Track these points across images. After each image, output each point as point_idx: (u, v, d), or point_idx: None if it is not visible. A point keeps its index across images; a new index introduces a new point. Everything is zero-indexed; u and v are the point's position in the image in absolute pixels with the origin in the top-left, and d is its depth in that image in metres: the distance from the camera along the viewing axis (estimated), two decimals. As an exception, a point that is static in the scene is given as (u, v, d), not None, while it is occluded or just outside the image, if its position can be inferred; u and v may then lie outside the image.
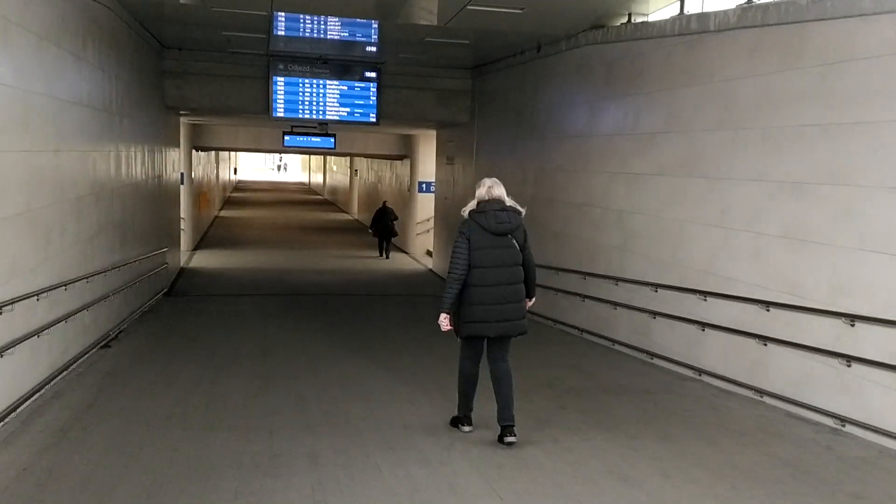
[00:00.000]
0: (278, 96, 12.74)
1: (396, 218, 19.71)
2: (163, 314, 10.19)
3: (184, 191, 17.59)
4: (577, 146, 9.09)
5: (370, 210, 22.31)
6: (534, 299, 5.02)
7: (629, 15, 7.98)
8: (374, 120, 13.13)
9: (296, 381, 6.38)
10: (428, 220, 19.61)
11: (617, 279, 7.93)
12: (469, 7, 7.88)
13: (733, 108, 6.14)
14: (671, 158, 6.99)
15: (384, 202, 20.54)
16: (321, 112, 12.96)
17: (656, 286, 7.16)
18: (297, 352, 7.83)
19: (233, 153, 44.90)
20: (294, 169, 73.63)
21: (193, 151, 19.68)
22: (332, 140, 17.32)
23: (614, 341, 7.96)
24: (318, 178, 50.68)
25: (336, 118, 13.04)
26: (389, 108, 13.26)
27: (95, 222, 7.29)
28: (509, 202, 4.85)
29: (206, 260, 17.59)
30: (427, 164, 19.53)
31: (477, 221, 4.72)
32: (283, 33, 11.66)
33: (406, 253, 20.49)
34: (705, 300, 6.41)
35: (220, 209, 33.29)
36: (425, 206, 19.66)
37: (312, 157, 51.37)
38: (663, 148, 7.11)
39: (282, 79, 12.69)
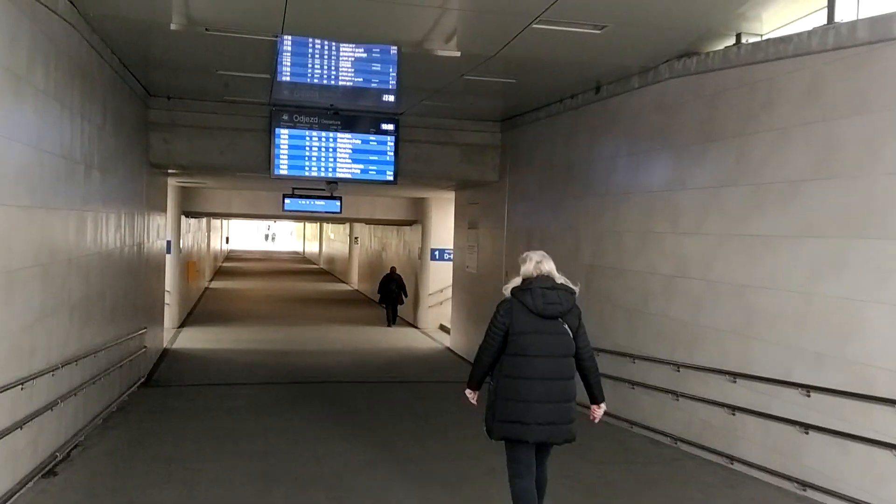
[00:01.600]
0: (281, 151, 11.00)
1: (404, 285, 18.51)
2: (135, 416, 8.13)
3: (170, 260, 15.69)
4: (656, 203, 7.29)
5: (373, 280, 20.61)
6: (603, 406, 4.39)
7: (738, 36, 6.29)
8: (391, 178, 11.38)
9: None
10: (442, 290, 17.73)
11: (736, 374, 6.00)
12: (535, 26, 6.17)
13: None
14: (827, 214, 5.17)
15: (392, 268, 19.26)
16: (330, 170, 11.21)
17: (808, 388, 5.24)
18: (312, 476, 5.81)
19: (225, 221, 43.22)
20: (283, 238, 71.92)
21: (183, 218, 17.86)
22: (339, 204, 15.57)
23: (734, 458, 5.97)
24: (313, 247, 48.90)
25: (348, 176, 11.28)
26: (408, 165, 11.54)
27: (39, 304, 5.36)
28: (560, 279, 4.26)
29: (193, 339, 15.54)
30: (441, 230, 17.78)
31: (521, 301, 4.16)
32: (287, 78, 10.01)
33: (416, 327, 18.51)
34: (901, 413, 4.50)
35: (211, 280, 31.31)
36: (439, 275, 17.81)
37: (308, 224, 49.76)
38: (812, 200, 5.29)
39: (286, 131, 10.98)
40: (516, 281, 4.31)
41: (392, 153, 11.34)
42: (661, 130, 7.28)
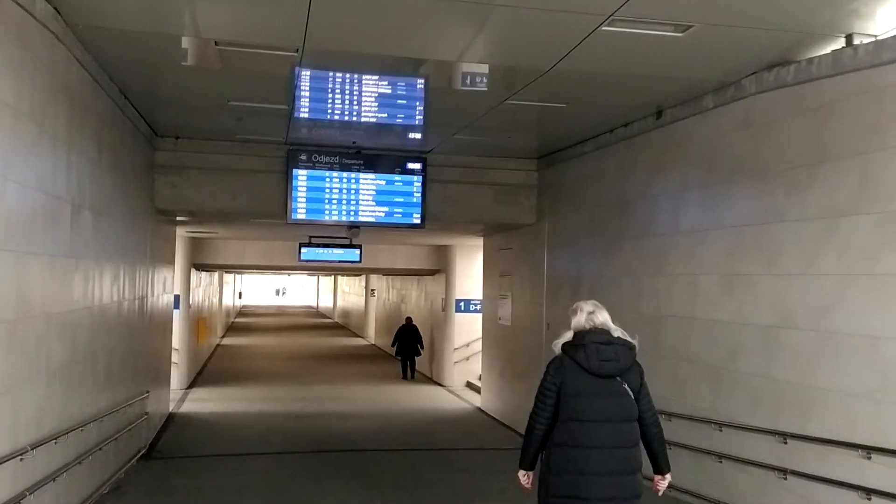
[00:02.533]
0: (298, 194, 10.01)
1: (420, 336, 17.93)
2: (131, 498, 6.95)
3: (178, 317, 14.64)
4: (744, 240, 6.18)
5: (391, 334, 19.54)
6: (668, 476, 4.00)
7: (848, 37, 5.27)
8: (417, 222, 10.35)
9: None
10: (468, 345, 16.54)
11: (870, 448, 4.80)
12: (604, 28, 5.17)
13: None
14: None
15: (408, 318, 18.49)
16: (352, 213, 10.20)
17: None
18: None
19: (237, 276, 42.37)
20: (295, 293, 70.82)
21: (193, 271, 16.87)
22: (358, 253, 14.56)
23: (876, 558, 4.73)
24: (327, 301, 47.82)
25: (371, 220, 10.26)
26: (437, 207, 10.52)
27: (2, 373, 4.27)
28: (617, 332, 3.88)
29: (203, 402, 14.36)
30: (466, 280, 16.68)
31: (573, 358, 3.80)
32: (306, 115, 9.08)
33: (440, 384, 17.25)
34: None
35: (223, 336, 30.23)
36: (465, 328, 16.64)
37: (321, 277, 48.84)
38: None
39: (304, 172, 10.01)
40: (567, 335, 3.94)
41: (419, 194, 10.34)
42: (746, 155, 6.21)
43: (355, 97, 8.55)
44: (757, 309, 5.98)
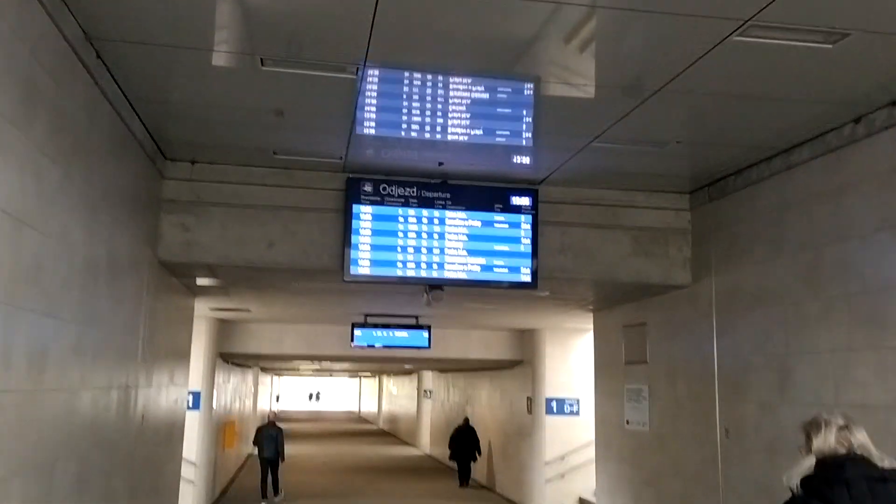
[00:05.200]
0: (361, 239, 7.04)
1: (478, 439, 16.77)
2: None
3: (198, 420, 11.50)
4: None
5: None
6: None
7: None
8: (527, 279, 7.26)
9: None
10: (564, 457, 12.99)
11: None
12: None
13: None
14: None
15: (465, 419, 17.24)
16: (435, 266, 7.16)
17: None
18: None
19: (275, 377, 39.25)
20: (333, 397, 66.53)
21: (219, 362, 13.81)
22: (426, 335, 11.40)
23: None
24: (370, 405, 44.18)
25: (461, 276, 7.19)
26: (552, 258, 7.44)
27: None
28: (885, 461, 2.69)
29: (223, 532, 10.96)
30: (559, 373, 13.33)
31: (830, 502, 2.57)
32: (371, 131, 6.31)
33: (524, 509, 13.58)
34: None
35: (256, 444, 26.79)
36: (559, 435, 13.15)
37: (364, 379, 45.42)
38: None
39: (368, 209, 7.07)
40: (806, 464, 2.74)
41: (528, 240, 7.28)
42: None
43: (439, 105, 5.77)
44: None
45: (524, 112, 5.91)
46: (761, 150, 6.24)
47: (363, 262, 7.04)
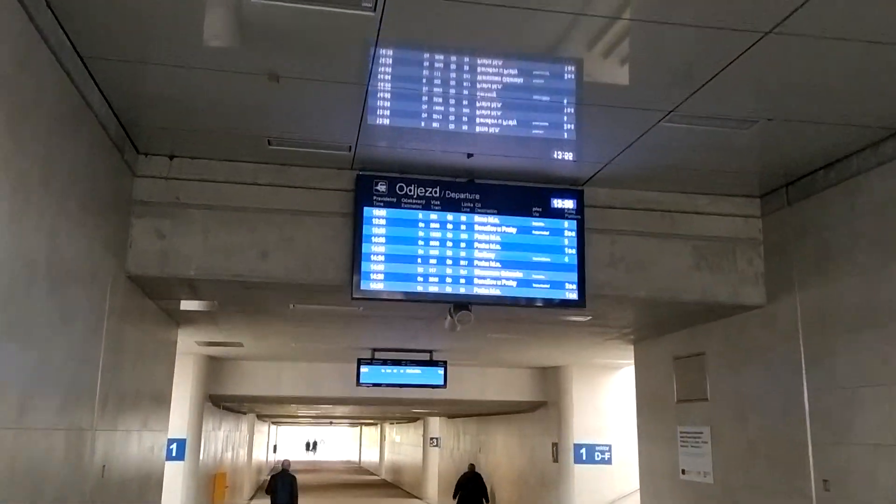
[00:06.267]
0: (374, 248, 5.84)
1: (485, 486, 15.51)
2: None
3: (183, 472, 10.10)
4: None
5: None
6: None
7: None
8: (573, 297, 6.05)
9: None
10: (596, 511, 11.54)
11: None
12: None
13: None
14: None
15: (471, 466, 15.85)
16: (462, 282, 5.94)
17: None
18: None
19: (273, 426, 37.58)
20: (331, 447, 64.17)
21: (208, 406, 12.44)
22: (441, 373, 10.11)
23: None
24: (372, 455, 42.34)
25: (494, 293, 5.97)
26: (601, 272, 6.23)
27: None
28: None
29: None
30: (589, 415, 12.02)
31: None
32: (386, 121, 5.21)
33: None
34: None
35: (252, 498, 25.14)
36: (589, 486, 11.76)
37: (365, 428, 43.66)
38: None
39: (382, 212, 5.89)
40: None
41: (573, 250, 6.08)
42: None
43: (465, 91, 4.70)
44: None
45: (566, 99, 4.82)
46: (871, 131, 5.07)
47: (376, 277, 5.82)
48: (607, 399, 11.90)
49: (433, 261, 5.92)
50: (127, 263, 5.63)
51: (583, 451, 11.90)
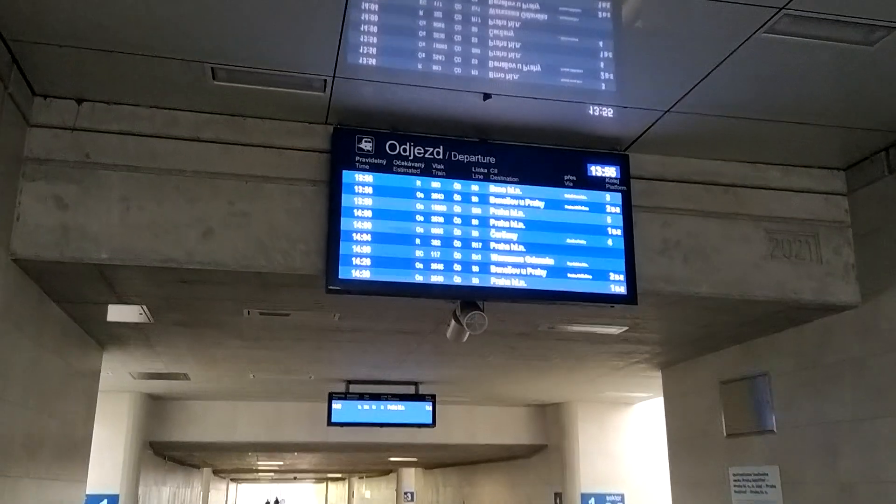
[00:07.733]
0: (357, 225, 4.32)
1: None
2: None
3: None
4: None
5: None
6: None
7: None
8: (620, 291, 4.60)
9: None
10: (609, 576, 9.85)
11: None
12: None
13: None
14: None
15: None
16: (476, 269, 4.42)
17: None
18: None
19: (233, 484, 35.04)
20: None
21: (150, 456, 10.55)
22: (429, 409, 8.50)
23: None
24: (338, 512, 39.83)
25: (518, 285, 4.45)
26: (653, 261, 4.80)
27: None
28: None
29: None
30: (598, 459, 10.40)
31: None
32: (372, 61, 3.79)
33: None
34: None
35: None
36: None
37: (331, 483, 41.11)
38: None
39: (369, 178, 4.38)
40: None
41: (619, 230, 4.65)
42: None
43: (474, 20, 3.28)
44: None
45: (602, 38, 3.47)
46: None
47: (360, 262, 4.29)
48: (619, 440, 10.37)
49: (436, 242, 4.41)
50: (12, 242, 4.02)
51: (591, 501, 10.24)
